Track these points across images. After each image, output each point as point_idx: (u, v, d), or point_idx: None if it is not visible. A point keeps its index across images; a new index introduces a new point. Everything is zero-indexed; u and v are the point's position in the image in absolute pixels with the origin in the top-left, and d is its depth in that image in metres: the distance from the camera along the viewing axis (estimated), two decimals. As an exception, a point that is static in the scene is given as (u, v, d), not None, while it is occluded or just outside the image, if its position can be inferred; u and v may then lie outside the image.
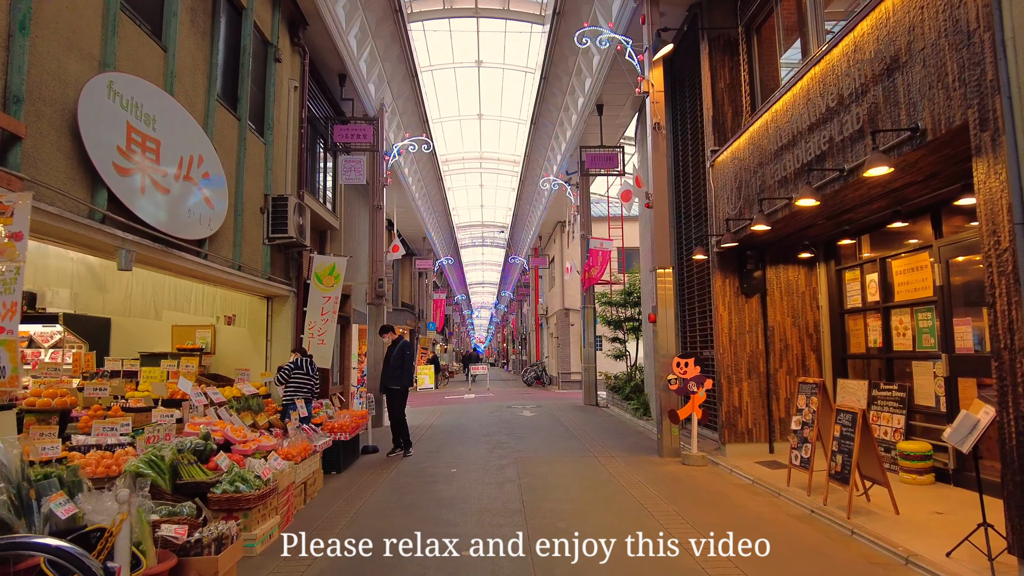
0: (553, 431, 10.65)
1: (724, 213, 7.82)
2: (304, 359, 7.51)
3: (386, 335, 8.78)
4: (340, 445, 7.59)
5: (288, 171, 8.83)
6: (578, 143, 13.92)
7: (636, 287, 15.37)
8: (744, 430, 7.87)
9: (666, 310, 8.25)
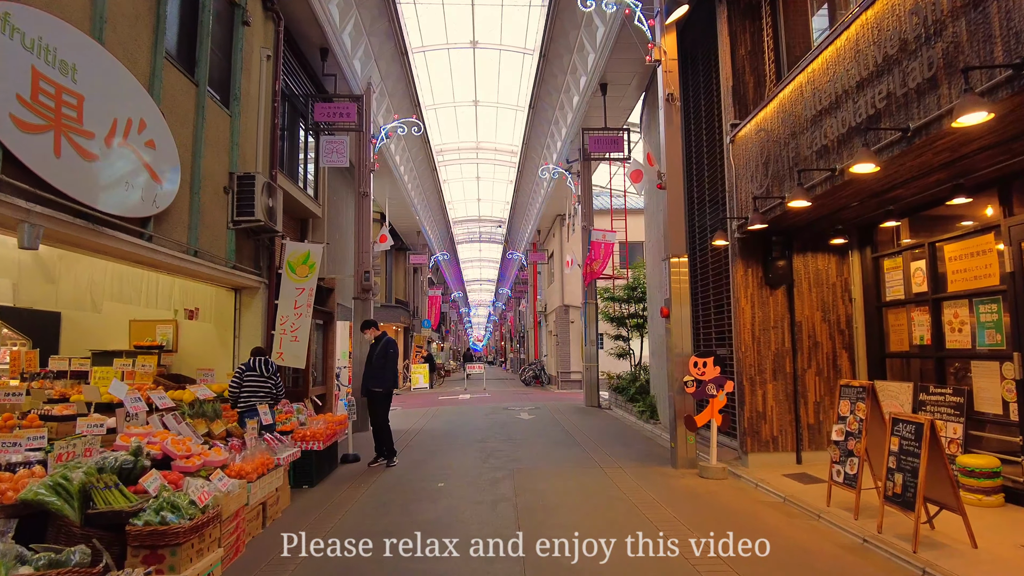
0: (553, 436, 9.77)
1: (747, 193, 6.95)
2: (257, 359, 6.61)
3: (368, 331, 7.90)
4: (313, 456, 6.72)
5: (259, 149, 7.93)
6: (580, 127, 13.02)
7: (640, 282, 14.50)
8: (768, 438, 7.01)
9: (681, 304, 7.37)
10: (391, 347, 7.80)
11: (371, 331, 7.90)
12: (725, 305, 8.20)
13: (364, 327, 7.96)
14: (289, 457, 5.83)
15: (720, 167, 8.29)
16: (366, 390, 7.77)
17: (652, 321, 11.92)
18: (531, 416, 12.63)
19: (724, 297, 8.24)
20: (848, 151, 4.95)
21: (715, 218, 8.66)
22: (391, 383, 7.69)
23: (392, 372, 7.70)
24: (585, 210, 14.80)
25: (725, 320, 8.21)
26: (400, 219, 22.16)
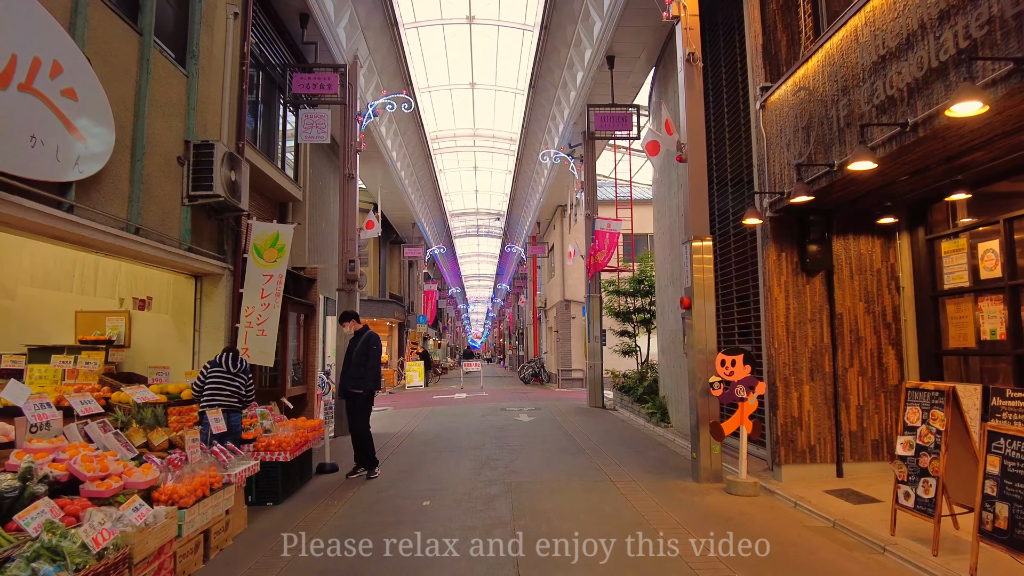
0: (555, 442, 8.84)
1: (781, 165, 6.01)
2: (225, 354, 5.68)
3: (346, 324, 6.97)
4: (279, 468, 5.79)
5: (224, 117, 6.97)
6: (584, 105, 12.07)
7: (648, 274, 13.56)
8: (804, 447, 6.08)
9: (704, 294, 6.43)
10: (373, 343, 6.87)
11: (350, 324, 6.97)
12: (751, 296, 7.27)
13: (343, 319, 7.03)
14: (245, 472, 4.90)
15: (745, 140, 7.35)
16: (344, 391, 6.85)
17: (662, 316, 10.99)
18: (531, 418, 11.71)
19: (749, 287, 7.31)
20: (924, 100, 4.00)
21: (738, 199, 7.72)
22: (373, 384, 6.76)
23: (374, 372, 6.77)
24: (588, 197, 13.86)
25: (751, 313, 7.28)
26: (394, 210, 21.20)
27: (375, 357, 6.80)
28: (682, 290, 8.65)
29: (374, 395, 6.90)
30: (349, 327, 6.96)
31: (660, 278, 11.25)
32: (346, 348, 7.04)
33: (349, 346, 6.97)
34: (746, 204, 7.39)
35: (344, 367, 6.92)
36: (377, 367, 6.82)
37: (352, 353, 6.86)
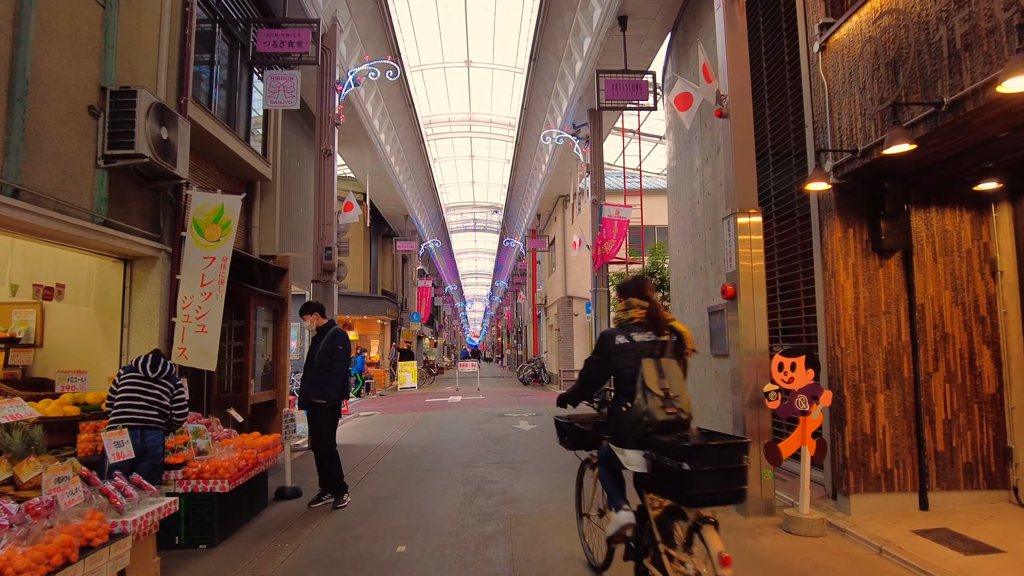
0: (561, 458, 7.58)
1: (850, 117, 4.76)
2: (144, 357, 4.42)
3: (307, 317, 5.72)
4: (215, 501, 4.53)
5: (162, 65, 5.70)
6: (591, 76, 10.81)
7: (660, 266, 12.31)
8: (879, 472, 4.84)
9: (753, 283, 5.17)
10: (340, 342, 5.61)
11: (312, 318, 5.71)
12: (800, 287, 6.02)
13: (303, 311, 5.78)
14: (155, 515, 3.63)
15: (792, 96, 6.10)
16: (304, 400, 5.59)
17: (680, 312, 9.73)
18: (532, 426, 10.44)
19: (799, 275, 6.06)
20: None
21: (782, 172, 6.46)
22: (337, 393, 5.50)
23: (340, 377, 5.51)
24: (595, 182, 12.60)
25: (801, 307, 6.03)
26: (385, 201, 19.94)
27: (341, 359, 5.54)
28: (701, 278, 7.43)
29: (340, 406, 5.64)
30: (311, 321, 5.70)
31: (677, 271, 10.00)
32: (312, 346, 5.78)
33: (311, 345, 5.72)
34: (793, 175, 6.16)
35: (305, 371, 5.67)
36: (344, 372, 5.55)
37: (314, 354, 5.61)
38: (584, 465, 4.06)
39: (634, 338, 3.07)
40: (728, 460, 2.73)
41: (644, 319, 3.17)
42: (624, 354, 3.04)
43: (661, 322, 3.13)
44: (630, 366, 2.99)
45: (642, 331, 3.11)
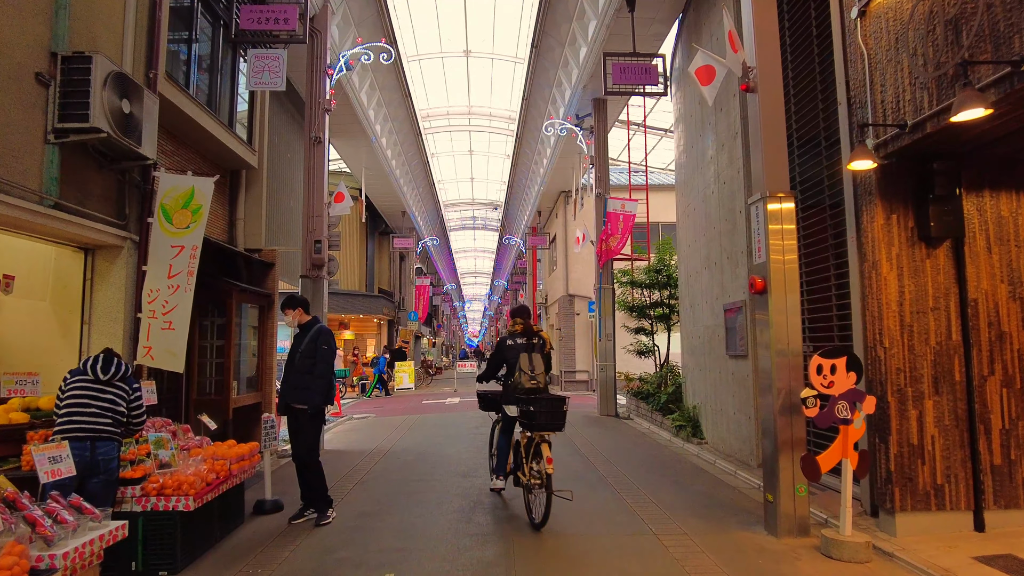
0: (567, 466, 7.04)
1: (897, 88, 4.21)
2: (94, 358, 3.87)
3: (289, 312, 5.17)
4: (178, 521, 3.98)
5: (127, 33, 5.16)
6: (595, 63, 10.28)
7: (667, 263, 11.76)
8: (928, 488, 4.30)
9: (785, 277, 4.61)
10: (324, 340, 5.06)
11: (294, 313, 5.16)
12: (831, 278, 5.49)
13: (284, 305, 5.24)
14: (92, 546, 3.07)
15: (822, 72, 5.57)
16: (284, 406, 5.04)
17: (691, 310, 9.20)
18: (534, 430, 9.88)
19: (828, 267, 5.53)
20: None
21: (809, 157, 5.93)
22: (320, 398, 4.95)
23: (323, 381, 4.96)
24: (599, 174, 12.06)
25: (832, 301, 5.50)
26: (381, 196, 19.40)
27: (325, 360, 4.99)
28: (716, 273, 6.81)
29: (324, 412, 5.09)
30: (292, 317, 5.16)
31: (687, 267, 9.47)
32: (293, 344, 5.23)
33: (293, 344, 5.17)
34: (822, 161, 5.63)
35: (286, 373, 5.12)
36: (328, 374, 5.00)
37: (296, 354, 5.07)
38: (494, 424, 5.81)
39: (516, 341, 5.20)
40: (556, 407, 4.82)
41: (521, 331, 5.28)
42: (511, 350, 5.16)
43: (531, 332, 5.28)
44: (513, 357, 5.10)
45: (520, 337, 5.23)
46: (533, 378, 4.98)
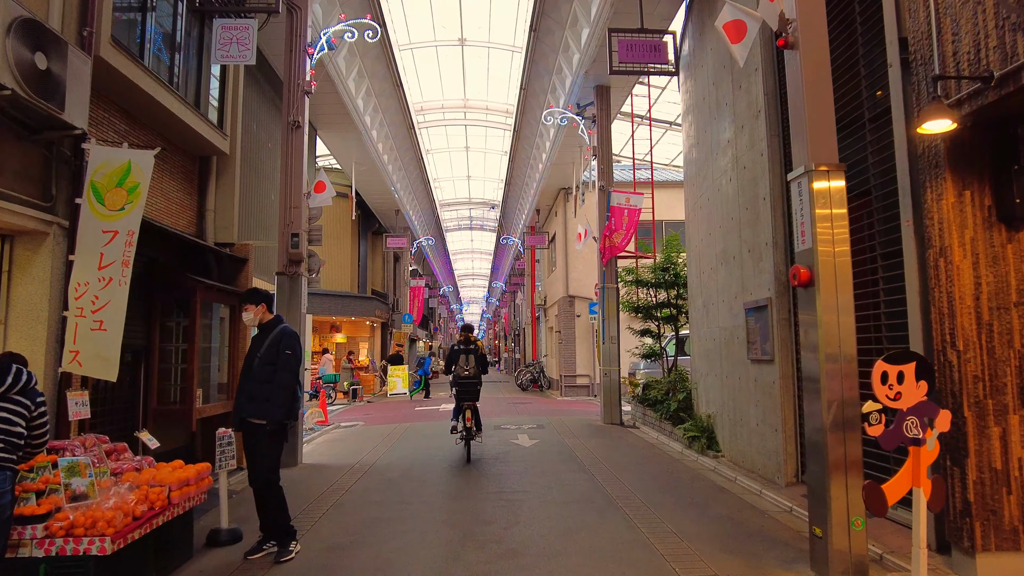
0: (572, 485, 6.26)
1: (979, 34, 3.46)
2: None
3: (248, 308, 4.39)
4: (93, 568, 3.21)
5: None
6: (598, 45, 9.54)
7: (674, 261, 11.00)
8: (1016, 523, 3.53)
9: (834, 268, 3.83)
10: (287, 344, 4.29)
11: (255, 310, 4.38)
12: (879, 271, 4.73)
13: (244, 299, 4.46)
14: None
15: (866, 31, 4.82)
16: (239, 421, 4.26)
17: (704, 310, 8.44)
18: (533, 441, 9.11)
19: (875, 256, 4.78)
20: None
21: (850, 133, 5.17)
22: (282, 412, 4.17)
23: (286, 392, 4.19)
24: (602, 166, 11.32)
25: (880, 296, 4.74)
26: (373, 193, 18.64)
27: (289, 368, 4.22)
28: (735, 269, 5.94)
29: (286, 429, 4.30)
30: (253, 314, 4.37)
31: (699, 264, 8.71)
32: (252, 346, 4.45)
33: (251, 347, 4.39)
34: (865, 139, 4.89)
35: (242, 381, 4.34)
36: (291, 384, 4.22)
37: (254, 359, 4.28)
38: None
39: (460, 347, 7.79)
40: (473, 387, 7.71)
41: (463, 340, 7.90)
42: (455, 353, 7.77)
43: (469, 341, 7.89)
44: (455, 357, 7.75)
45: (462, 344, 7.80)
46: (466, 370, 7.76)
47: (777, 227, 6.09)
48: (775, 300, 6.03)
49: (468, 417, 7.62)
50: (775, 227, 6.09)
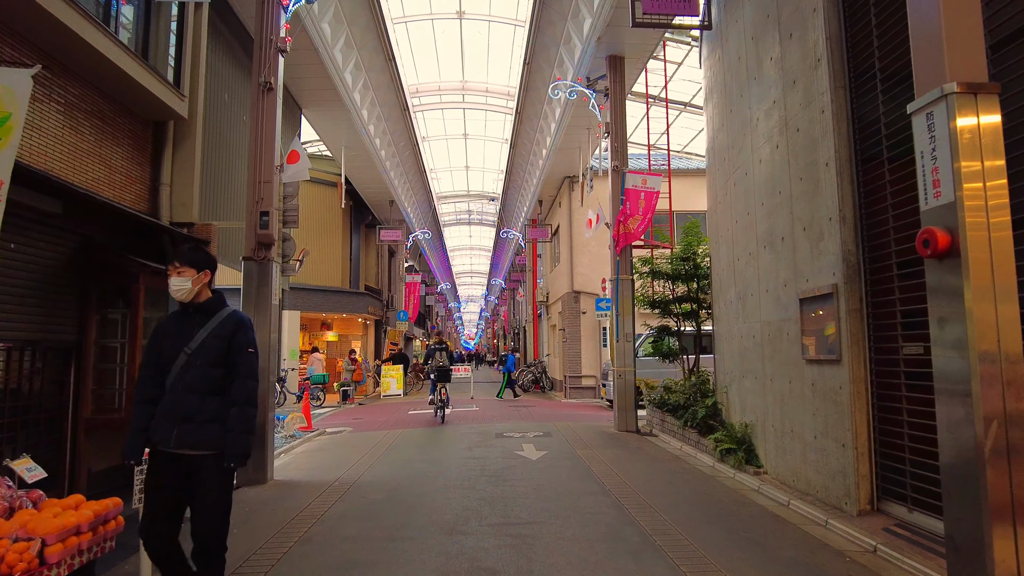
0: (596, 518, 5.14)
1: None
2: None
3: (182, 271, 2.99)
4: None
5: None
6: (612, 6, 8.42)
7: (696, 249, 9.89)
8: None
9: (988, 234, 2.71)
10: (245, 337, 3.03)
11: (195, 276, 3.02)
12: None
13: (180, 260, 3.02)
14: None
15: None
16: (157, 447, 2.94)
17: (738, 303, 7.34)
18: (540, 452, 7.99)
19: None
20: None
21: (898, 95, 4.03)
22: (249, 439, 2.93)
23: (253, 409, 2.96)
24: (616, 144, 10.20)
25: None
26: (365, 182, 17.53)
27: (254, 374, 3.01)
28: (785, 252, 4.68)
29: (232, 471, 2.97)
30: (191, 283, 3.00)
31: (730, 252, 7.62)
32: (166, 333, 3.05)
33: (167, 335, 3.03)
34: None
35: (145, 388, 2.97)
36: (254, 399, 2.97)
37: (179, 354, 2.97)
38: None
39: (435, 346, 11.94)
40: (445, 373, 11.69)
41: (438, 341, 12.19)
42: (433, 351, 11.86)
43: (442, 342, 12.11)
44: (432, 353, 11.88)
45: (438, 344, 11.95)
46: (440, 362, 11.50)
47: (845, 198, 4.99)
48: (843, 287, 4.93)
49: (443, 393, 11.47)
50: (842, 198, 4.99)
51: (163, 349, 2.99)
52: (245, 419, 2.91)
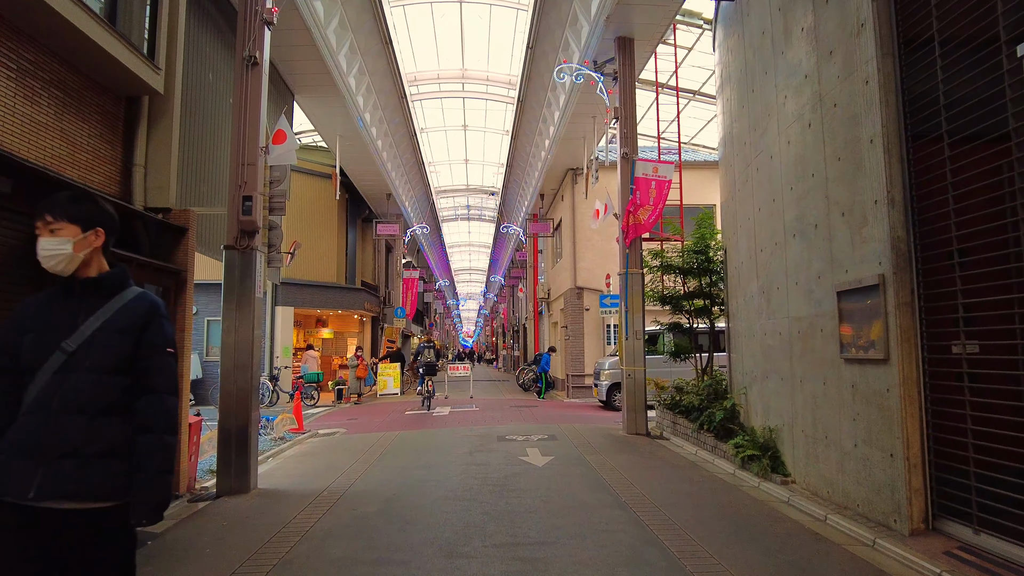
0: (614, 536, 4.61)
1: None
2: None
3: (65, 229, 2.01)
4: None
5: None
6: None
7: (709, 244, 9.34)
8: None
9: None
10: (165, 332, 2.11)
11: (79, 236, 2.03)
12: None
13: (50, 211, 2.01)
14: None
15: None
16: (17, 509, 1.87)
17: (761, 298, 6.82)
18: (547, 459, 7.45)
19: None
20: None
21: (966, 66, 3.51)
22: (168, 479, 2.02)
23: (172, 436, 2.05)
24: (625, 131, 9.66)
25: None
26: (361, 174, 16.97)
27: (172, 385, 2.11)
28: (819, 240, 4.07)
29: (136, 538, 2.10)
30: (71, 246, 2.01)
31: (752, 243, 7.11)
32: (28, 322, 2.02)
33: (45, 322, 2.00)
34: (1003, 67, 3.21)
35: (38, 400, 1.92)
36: (173, 419, 2.07)
37: (70, 350, 1.96)
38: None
39: (424, 344, 15.01)
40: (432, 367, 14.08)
41: (427, 340, 15.94)
42: (423, 348, 14.81)
43: (431, 341, 15.48)
44: (421, 351, 14.89)
45: (427, 343, 15.10)
46: (428, 358, 14.00)
47: (894, 178, 4.44)
48: (891, 277, 4.39)
49: (430, 385, 13.65)
50: (890, 178, 4.45)
51: (20, 346, 1.97)
52: (164, 453, 2.00)
